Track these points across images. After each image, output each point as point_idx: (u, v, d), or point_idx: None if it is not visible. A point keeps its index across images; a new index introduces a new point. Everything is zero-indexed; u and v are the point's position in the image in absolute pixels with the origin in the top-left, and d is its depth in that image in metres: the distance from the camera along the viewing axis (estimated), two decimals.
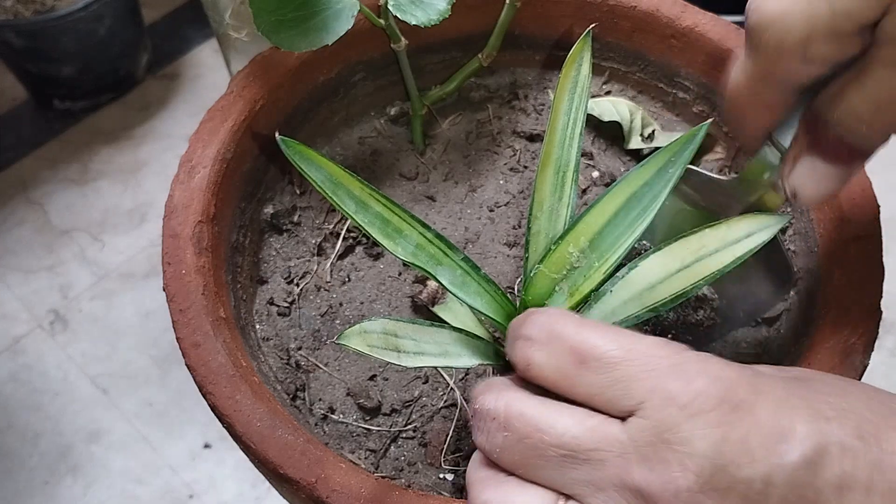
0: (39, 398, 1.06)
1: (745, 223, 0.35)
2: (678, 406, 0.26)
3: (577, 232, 0.36)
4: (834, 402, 0.27)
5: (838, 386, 0.29)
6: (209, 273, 0.41)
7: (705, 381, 0.27)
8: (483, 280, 0.37)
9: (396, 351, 0.35)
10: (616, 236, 0.35)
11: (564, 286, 0.36)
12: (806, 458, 0.26)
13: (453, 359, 0.37)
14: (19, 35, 1.17)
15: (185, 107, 1.33)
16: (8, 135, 1.30)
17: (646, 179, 0.35)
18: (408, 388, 0.42)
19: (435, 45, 0.51)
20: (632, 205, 0.35)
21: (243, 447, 0.37)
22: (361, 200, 0.35)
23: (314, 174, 0.34)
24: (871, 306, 0.39)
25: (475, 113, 0.53)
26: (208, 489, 0.99)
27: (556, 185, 0.38)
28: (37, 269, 1.17)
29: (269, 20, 0.42)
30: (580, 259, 0.36)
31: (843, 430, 0.26)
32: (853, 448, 0.26)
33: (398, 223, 0.35)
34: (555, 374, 0.29)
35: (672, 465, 0.26)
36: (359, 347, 0.34)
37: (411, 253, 0.35)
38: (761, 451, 0.26)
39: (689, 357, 0.28)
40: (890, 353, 1.07)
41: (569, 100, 0.38)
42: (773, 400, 0.27)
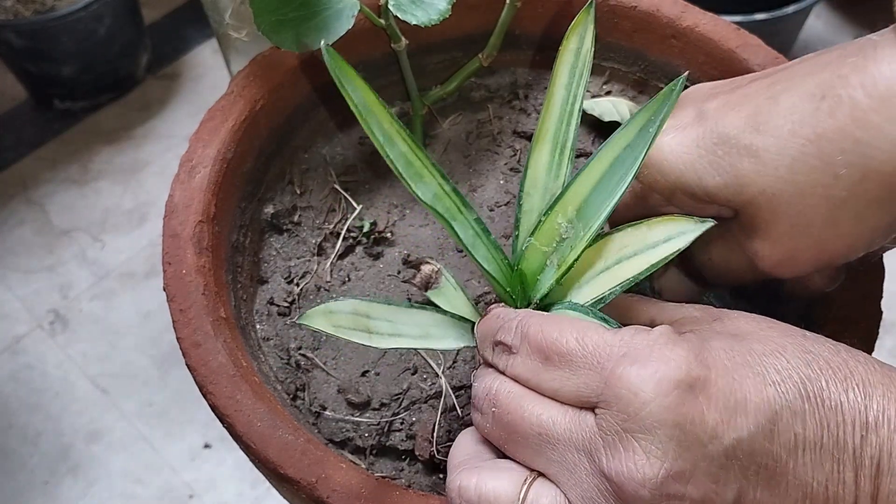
0: (39, 398, 1.06)
1: (665, 226, 0.34)
2: (633, 394, 0.27)
3: (564, 201, 0.35)
4: (775, 362, 0.28)
5: (774, 341, 0.29)
6: (209, 273, 0.41)
7: (657, 365, 0.28)
8: (492, 246, 0.36)
9: (367, 332, 0.35)
10: (600, 202, 0.35)
11: (554, 259, 0.36)
12: (761, 426, 0.27)
13: (436, 341, 0.36)
14: (19, 35, 1.17)
15: (185, 107, 1.33)
16: (8, 135, 1.30)
17: (629, 141, 0.34)
18: (397, 382, 0.42)
19: (435, 45, 0.51)
20: (615, 168, 0.34)
21: (243, 447, 0.37)
22: (389, 135, 0.34)
23: (353, 95, 0.33)
24: (871, 306, 0.39)
25: (475, 113, 0.53)
26: (208, 489, 0.99)
27: (553, 163, 0.37)
28: (37, 269, 1.17)
29: (269, 20, 0.42)
30: (568, 229, 0.35)
31: (789, 392, 0.27)
32: (801, 409, 0.27)
33: (419, 168, 0.35)
34: (527, 373, 0.31)
35: (637, 454, 0.27)
36: (322, 327, 0.34)
37: (430, 199, 0.35)
38: (720, 427, 0.27)
39: (639, 342, 0.29)
40: (890, 353, 1.07)
41: (569, 73, 0.37)
42: (723, 372, 0.28)
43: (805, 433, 0.27)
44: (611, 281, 0.34)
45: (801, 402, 0.27)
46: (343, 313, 0.34)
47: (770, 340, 0.29)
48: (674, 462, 0.27)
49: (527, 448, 0.30)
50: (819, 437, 0.27)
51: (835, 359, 0.28)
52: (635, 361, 0.28)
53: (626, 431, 0.27)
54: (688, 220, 0.33)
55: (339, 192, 0.49)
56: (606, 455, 0.28)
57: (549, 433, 0.30)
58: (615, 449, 0.27)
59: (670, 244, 0.33)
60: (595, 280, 0.35)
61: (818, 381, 0.28)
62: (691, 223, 0.33)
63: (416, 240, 0.47)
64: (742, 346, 0.29)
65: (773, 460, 0.27)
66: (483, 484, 0.30)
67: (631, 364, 0.28)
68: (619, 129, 0.34)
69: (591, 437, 0.28)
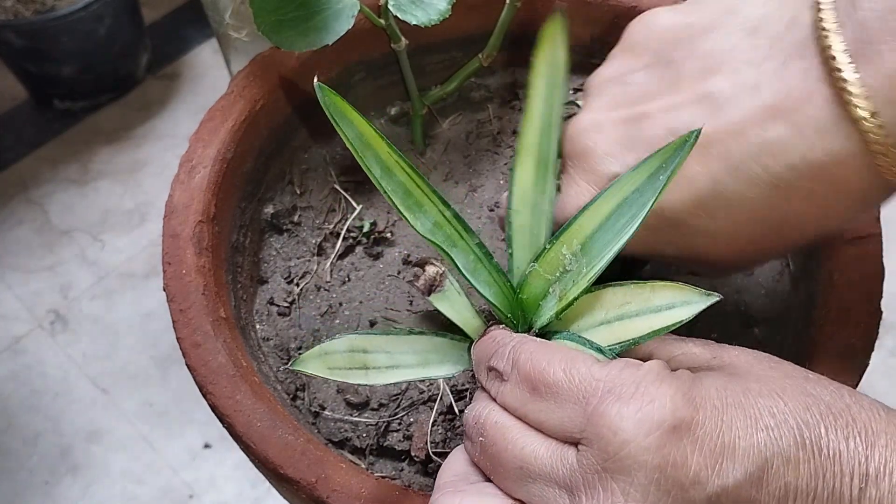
0: (39, 398, 1.06)
1: (670, 292, 0.33)
2: (614, 434, 0.26)
3: (570, 233, 0.35)
4: (772, 405, 0.27)
5: (774, 382, 0.28)
6: (209, 273, 0.41)
7: (640, 404, 0.27)
8: (494, 270, 0.36)
9: (364, 368, 0.34)
10: (605, 242, 0.34)
11: (556, 289, 0.35)
12: (749, 474, 0.26)
13: (434, 368, 0.36)
14: (19, 35, 1.17)
15: (185, 107, 1.33)
16: (8, 135, 1.30)
17: (637, 185, 0.34)
18: (396, 383, 0.42)
19: (435, 45, 0.51)
20: (622, 210, 0.34)
21: (243, 447, 0.37)
22: (387, 167, 0.34)
23: (347, 130, 0.33)
24: (871, 306, 0.39)
25: (475, 113, 0.53)
26: (208, 489, 0.99)
27: (538, 178, 0.37)
28: (37, 269, 1.17)
29: (269, 20, 0.42)
30: (572, 262, 0.35)
31: (784, 439, 0.26)
32: (795, 458, 0.26)
33: (419, 196, 0.34)
34: (515, 402, 0.30)
35: (615, 496, 0.26)
36: (317, 372, 0.33)
37: (429, 230, 0.34)
38: (704, 472, 0.26)
39: (626, 378, 0.28)
40: (890, 353, 1.07)
41: (546, 83, 0.36)
42: (712, 413, 0.27)
43: (797, 483, 0.26)
44: (611, 337, 0.34)
45: (796, 449, 0.26)
46: (339, 353, 0.34)
47: (769, 381, 0.28)
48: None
49: (510, 479, 0.30)
50: (813, 487, 0.26)
51: (837, 404, 0.27)
52: (619, 398, 0.27)
53: (605, 471, 0.26)
54: (692, 291, 0.32)
55: (339, 192, 0.49)
56: (586, 494, 0.27)
57: (530, 467, 0.29)
58: (594, 489, 0.27)
59: (673, 313, 0.32)
60: (594, 331, 0.34)
61: (817, 428, 0.26)
62: (696, 294, 0.32)
63: (416, 240, 0.47)
64: (737, 386, 0.28)
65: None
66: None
67: (614, 401, 0.27)
68: (630, 170, 0.34)
69: (571, 474, 0.28)
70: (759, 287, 0.45)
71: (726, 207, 0.32)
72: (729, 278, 0.45)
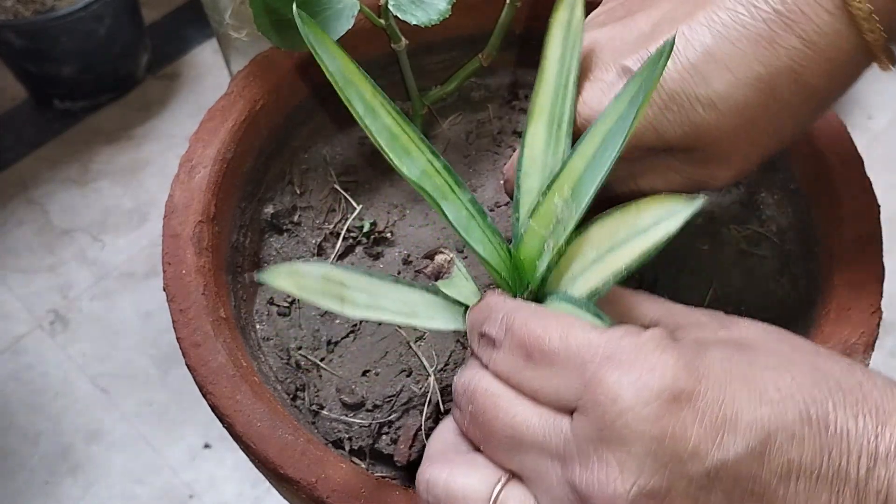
0: (40, 398, 1.06)
1: (654, 208, 0.31)
2: (612, 402, 0.25)
3: (560, 180, 0.34)
4: (778, 378, 0.26)
5: (782, 355, 0.28)
6: (209, 273, 0.41)
7: (640, 372, 0.26)
8: (489, 229, 0.34)
9: (340, 299, 0.32)
10: (592, 178, 0.33)
11: (551, 242, 0.34)
12: (751, 448, 0.25)
13: (422, 320, 0.34)
14: (19, 35, 1.17)
15: (185, 107, 1.33)
16: (8, 135, 1.30)
17: (620, 112, 0.33)
18: (393, 383, 0.42)
19: (435, 45, 0.51)
20: (608, 141, 0.33)
21: (243, 447, 0.37)
22: (371, 106, 0.32)
23: (328, 63, 0.31)
24: (871, 306, 0.39)
25: (475, 113, 0.53)
26: (208, 489, 0.99)
27: (550, 139, 0.35)
28: (37, 269, 1.17)
29: (269, 20, 0.42)
30: (563, 210, 0.33)
31: (789, 414, 0.25)
32: (799, 434, 0.25)
33: (406, 143, 0.33)
34: (508, 370, 0.29)
35: (610, 466, 0.25)
36: (285, 287, 0.31)
37: (417, 176, 0.33)
38: (704, 445, 0.25)
39: (626, 345, 0.27)
40: (890, 354, 1.07)
41: (561, 45, 0.35)
42: (715, 384, 0.26)
43: (801, 459, 0.25)
44: (604, 271, 0.32)
45: (801, 425, 0.25)
46: (311, 277, 0.32)
47: (777, 354, 0.28)
48: (648, 478, 0.25)
49: (501, 449, 0.29)
50: (817, 465, 0.25)
51: (848, 380, 0.26)
52: (618, 365, 0.26)
53: (600, 441, 0.25)
54: (676, 200, 0.31)
55: (339, 192, 0.49)
56: (579, 464, 0.26)
57: (522, 436, 0.28)
58: (588, 459, 0.26)
59: (661, 227, 0.31)
60: (588, 272, 0.33)
61: (824, 404, 0.25)
62: (681, 203, 0.31)
63: (416, 240, 0.47)
64: (743, 358, 0.27)
65: (761, 486, 0.25)
66: (453, 480, 0.29)
67: (613, 368, 0.26)
68: (612, 100, 0.33)
69: (564, 444, 0.27)
70: (759, 287, 0.45)
71: (718, 70, 0.33)
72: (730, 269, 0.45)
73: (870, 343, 0.38)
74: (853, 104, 1.32)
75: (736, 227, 0.47)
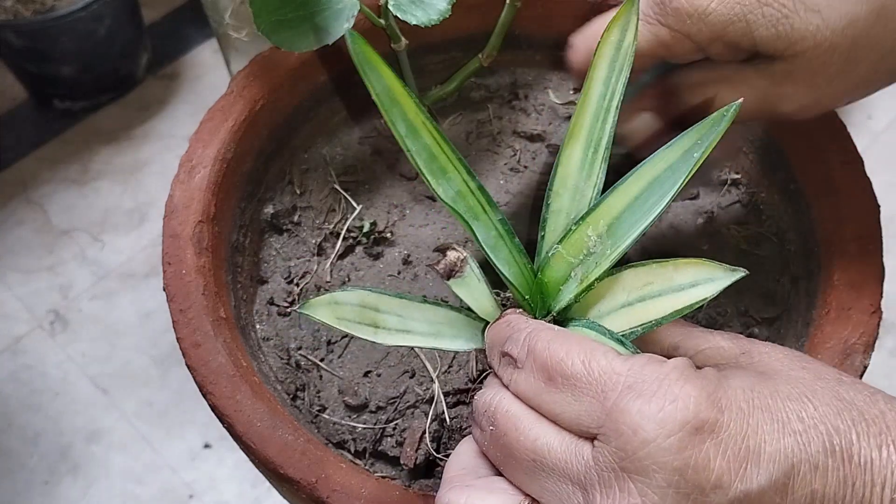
0: (39, 398, 1.06)
1: (694, 269, 0.32)
2: (633, 432, 0.25)
3: (597, 214, 0.34)
4: (801, 409, 0.26)
5: (805, 384, 0.27)
6: (209, 273, 0.41)
7: (662, 402, 0.26)
8: (515, 249, 0.34)
9: (374, 326, 0.33)
10: (633, 222, 0.33)
11: (578, 272, 0.34)
12: (774, 480, 0.25)
13: (447, 341, 0.34)
14: (19, 35, 1.17)
15: (185, 107, 1.32)
16: (8, 135, 1.30)
17: (670, 163, 0.32)
18: (395, 384, 0.42)
19: (435, 45, 0.51)
20: (653, 188, 0.32)
21: (243, 447, 0.37)
22: (414, 126, 0.33)
23: (375, 83, 0.32)
24: (871, 306, 0.39)
25: (475, 113, 0.53)
26: (208, 489, 0.99)
27: (585, 161, 0.35)
28: (37, 269, 1.17)
29: (269, 20, 0.42)
30: (597, 244, 0.33)
31: (813, 445, 0.25)
32: (823, 465, 0.25)
33: (444, 162, 0.33)
34: (529, 391, 0.29)
35: (632, 496, 0.25)
36: (325, 319, 0.31)
37: (451, 198, 0.33)
38: (727, 476, 0.25)
39: (649, 374, 0.27)
40: (890, 354, 1.07)
41: (608, 67, 0.35)
42: (737, 415, 0.26)
43: (825, 491, 0.25)
44: (633, 319, 0.32)
45: (825, 456, 0.25)
46: (349, 305, 0.32)
47: (799, 383, 0.27)
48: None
49: (521, 472, 0.29)
50: (841, 496, 0.25)
51: (871, 410, 0.26)
52: (640, 395, 0.26)
53: (622, 470, 0.25)
54: (717, 267, 0.31)
55: (339, 192, 0.49)
56: (601, 493, 0.26)
57: (543, 460, 0.28)
58: (609, 487, 0.26)
59: (698, 290, 0.31)
60: (616, 314, 0.33)
61: (848, 435, 0.25)
62: (720, 270, 0.31)
63: (417, 240, 0.47)
64: (766, 388, 0.27)
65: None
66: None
67: (635, 398, 0.26)
68: (663, 147, 0.33)
69: (586, 471, 0.26)
70: (759, 287, 0.45)
71: None
72: None
73: (870, 343, 0.38)
74: (853, 104, 1.32)
75: (736, 227, 0.47)
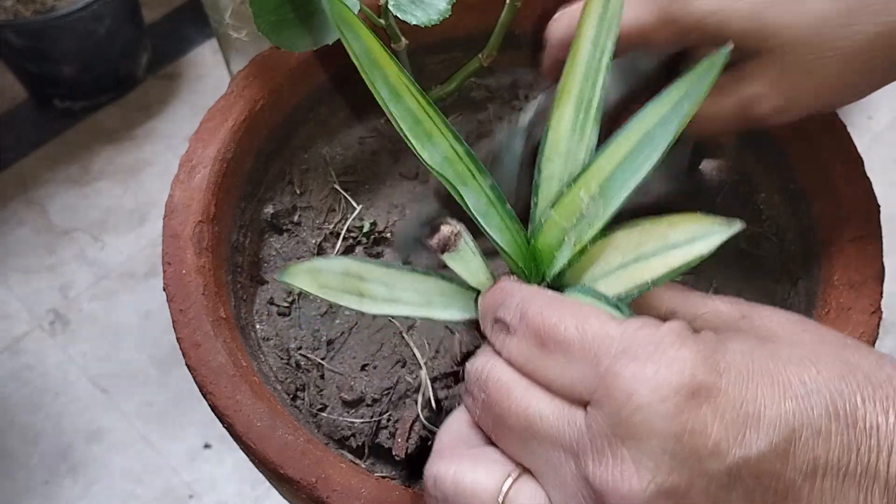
0: (39, 398, 1.06)
1: (689, 225, 0.30)
2: (627, 396, 0.24)
3: (588, 175, 0.32)
4: (803, 372, 0.25)
5: (807, 347, 0.26)
6: (209, 273, 0.41)
7: (657, 366, 0.25)
8: (507, 216, 0.33)
9: (359, 295, 0.31)
10: (624, 180, 0.31)
11: (572, 236, 0.33)
12: (774, 445, 0.24)
13: (438, 310, 0.33)
14: (19, 35, 1.17)
15: (185, 107, 1.33)
16: (8, 135, 1.30)
17: (661, 115, 0.31)
18: (389, 375, 0.42)
19: (435, 45, 0.51)
20: (643, 145, 0.31)
21: (243, 447, 0.37)
22: (396, 90, 0.32)
23: (353, 44, 0.31)
24: (871, 306, 0.39)
25: (475, 113, 0.53)
26: (208, 489, 0.99)
27: (576, 124, 0.34)
28: (37, 269, 1.17)
29: (269, 20, 0.42)
30: (589, 206, 0.32)
31: (815, 409, 0.24)
32: (826, 429, 0.24)
33: (430, 127, 0.32)
34: (521, 357, 0.28)
35: (626, 463, 0.24)
36: (305, 287, 0.30)
37: (438, 164, 0.32)
38: (725, 442, 0.24)
39: (644, 337, 0.26)
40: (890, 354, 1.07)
41: (596, 26, 0.33)
42: (736, 379, 0.25)
43: (828, 457, 0.24)
44: (628, 281, 0.31)
45: (828, 420, 0.24)
46: (332, 273, 0.31)
47: (802, 346, 0.27)
48: (666, 477, 0.24)
49: (513, 440, 0.28)
50: (845, 462, 0.24)
51: (877, 374, 0.25)
52: (634, 359, 0.25)
53: (615, 436, 0.24)
54: (713, 221, 0.30)
55: (339, 192, 0.49)
56: (593, 460, 0.25)
57: (535, 428, 0.27)
58: (602, 454, 0.25)
59: (694, 247, 0.30)
60: (611, 276, 0.32)
61: (852, 398, 0.24)
62: (716, 224, 0.30)
63: None
64: (766, 351, 0.26)
65: (785, 484, 0.24)
66: (462, 475, 0.28)
67: (629, 362, 0.25)
68: (652, 101, 0.31)
69: (578, 438, 0.26)
70: (759, 287, 0.45)
71: None
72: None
73: (870, 343, 0.38)
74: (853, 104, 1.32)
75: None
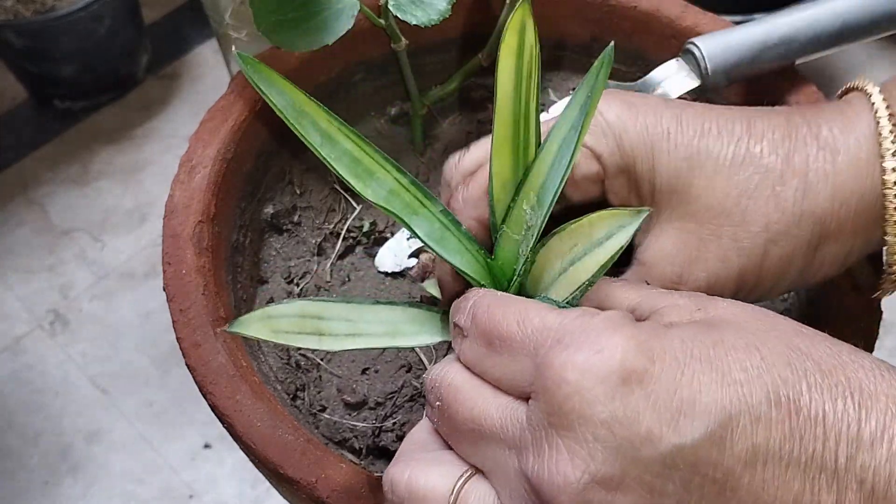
0: (39, 398, 1.06)
1: (606, 221, 0.31)
2: (558, 385, 0.24)
3: (527, 188, 0.33)
4: (745, 358, 0.24)
5: (756, 334, 0.26)
6: (209, 273, 0.41)
7: (587, 354, 0.24)
8: (464, 237, 0.34)
9: (318, 335, 0.32)
10: (553, 184, 0.32)
11: (524, 247, 0.33)
12: (710, 432, 0.23)
13: (406, 338, 0.34)
14: (19, 35, 1.17)
15: (185, 107, 1.33)
16: (8, 135, 1.30)
17: (572, 122, 0.32)
18: (393, 379, 0.42)
19: (435, 45, 0.51)
20: (563, 149, 0.32)
21: (243, 447, 0.37)
22: (328, 134, 0.32)
23: (276, 99, 0.31)
24: (871, 306, 0.39)
25: (475, 113, 0.53)
26: (208, 489, 0.99)
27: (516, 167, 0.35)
28: (37, 269, 1.17)
29: (269, 20, 0.42)
30: (531, 216, 0.33)
31: (755, 395, 0.23)
32: (766, 416, 0.23)
33: (369, 164, 0.32)
34: (473, 358, 0.29)
35: (560, 453, 0.24)
36: (258, 335, 0.31)
37: (384, 198, 0.32)
38: (658, 429, 0.23)
39: (577, 326, 0.26)
40: (890, 353, 1.07)
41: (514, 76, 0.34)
42: (671, 365, 0.24)
43: (768, 445, 0.23)
44: (570, 284, 0.32)
45: (768, 407, 0.23)
46: (286, 318, 0.31)
47: (749, 333, 0.26)
48: (599, 465, 0.23)
49: (465, 442, 0.28)
50: (788, 450, 0.23)
51: (829, 361, 0.25)
52: (566, 347, 0.25)
53: (551, 426, 0.24)
54: (624, 214, 0.31)
55: (339, 192, 0.49)
56: (532, 454, 0.24)
57: (482, 428, 0.27)
58: (540, 447, 0.24)
59: (613, 241, 0.31)
60: (557, 283, 0.33)
61: (797, 385, 0.24)
62: (627, 216, 0.30)
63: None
64: (708, 337, 0.25)
65: (724, 473, 0.23)
66: (415, 479, 0.28)
67: (562, 350, 0.25)
68: (564, 110, 0.33)
69: (520, 433, 0.25)
70: None
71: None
72: None
73: (870, 343, 0.38)
74: None
75: None
